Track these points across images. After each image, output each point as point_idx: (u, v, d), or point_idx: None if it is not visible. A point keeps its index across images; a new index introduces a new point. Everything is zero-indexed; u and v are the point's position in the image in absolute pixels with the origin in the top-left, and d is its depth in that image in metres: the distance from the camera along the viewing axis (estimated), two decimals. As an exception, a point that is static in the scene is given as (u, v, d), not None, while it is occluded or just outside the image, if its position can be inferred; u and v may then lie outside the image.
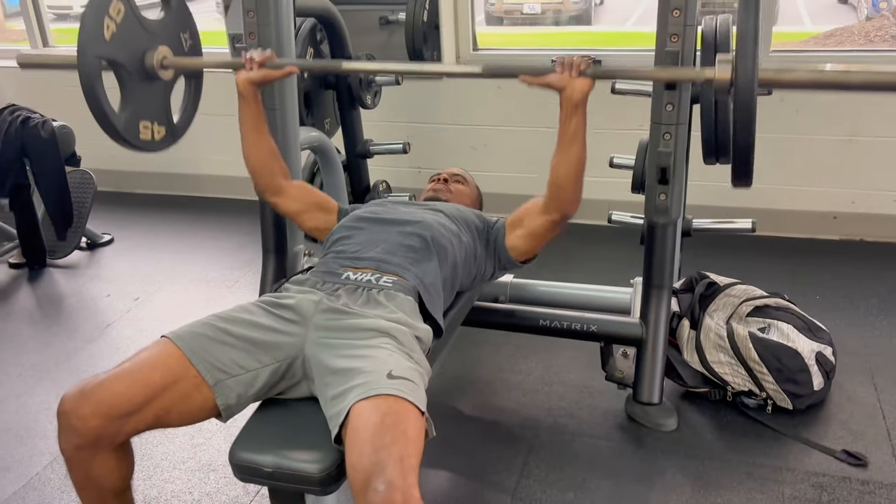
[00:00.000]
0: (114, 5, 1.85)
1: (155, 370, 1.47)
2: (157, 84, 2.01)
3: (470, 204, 2.20)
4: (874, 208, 3.09)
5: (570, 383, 2.35)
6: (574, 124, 1.75)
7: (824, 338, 2.20)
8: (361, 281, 1.69)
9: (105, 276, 3.22)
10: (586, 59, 1.70)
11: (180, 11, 2.09)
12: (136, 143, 1.96)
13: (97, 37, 1.82)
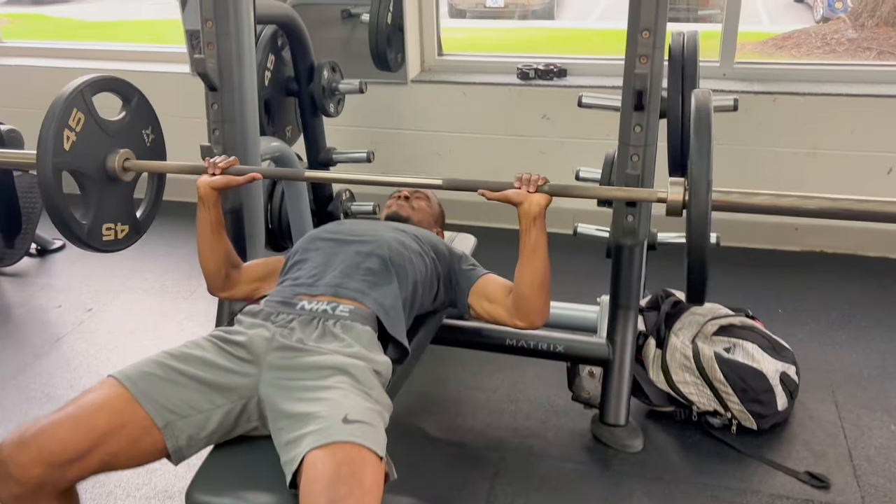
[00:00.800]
0: (74, 115, 1.86)
1: (101, 413, 1.39)
2: (119, 185, 2.02)
3: (432, 222, 2.17)
4: (834, 221, 3.11)
5: (536, 401, 2.33)
6: (534, 237, 1.73)
7: (788, 357, 2.21)
8: (317, 311, 1.64)
9: (56, 286, 3.10)
10: (542, 177, 1.74)
11: (141, 108, 2.10)
12: (99, 247, 1.99)
13: (57, 149, 1.83)
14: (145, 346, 2.66)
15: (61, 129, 1.84)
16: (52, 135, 1.82)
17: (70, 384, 2.45)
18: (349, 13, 3.77)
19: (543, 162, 3.33)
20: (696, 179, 1.48)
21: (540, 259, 1.73)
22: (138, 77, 3.50)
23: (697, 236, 1.50)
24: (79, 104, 1.88)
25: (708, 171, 1.48)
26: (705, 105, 1.54)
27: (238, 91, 2.24)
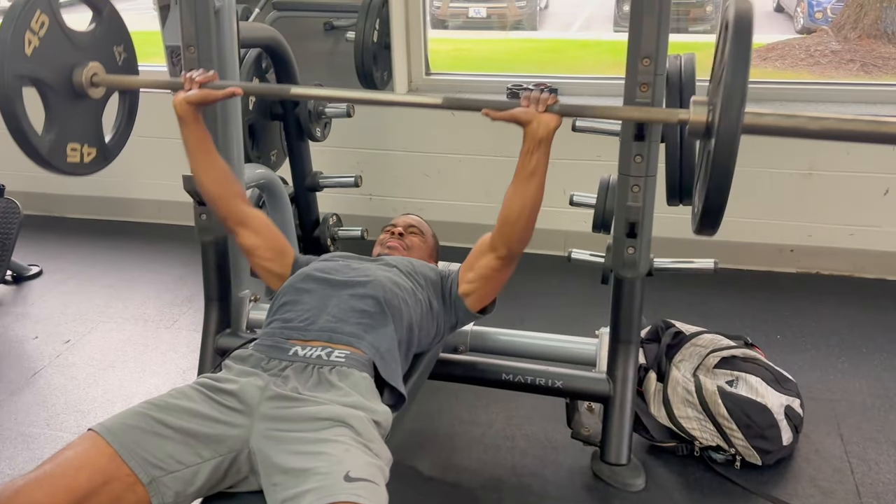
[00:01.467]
0: (36, 17, 1.68)
1: (81, 472, 1.30)
2: (86, 103, 1.86)
3: (427, 258, 2.09)
4: (830, 242, 3.08)
5: (533, 437, 2.25)
6: (535, 160, 1.67)
7: (792, 389, 2.15)
8: (311, 357, 1.56)
9: (32, 315, 2.99)
10: (552, 96, 1.63)
11: (113, 22, 1.93)
12: (62, 168, 1.82)
13: (17, 53, 1.65)
14: (126, 379, 2.56)
15: (22, 30, 1.64)
16: (11, 35, 1.63)
17: (47, 422, 2.35)
18: (332, 26, 3.70)
19: (535, 183, 3.25)
20: (729, 93, 1.34)
21: (536, 184, 1.69)
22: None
23: (725, 153, 1.38)
24: (42, 5, 1.70)
25: (744, 85, 1.34)
26: (746, 13, 1.38)
27: (222, 118, 2.16)
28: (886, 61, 7.33)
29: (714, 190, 1.44)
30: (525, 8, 9.80)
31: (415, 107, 2.01)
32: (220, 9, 2.12)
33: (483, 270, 1.81)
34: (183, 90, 1.77)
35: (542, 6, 10.51)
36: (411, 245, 2.07)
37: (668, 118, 1.66)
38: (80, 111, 1.86)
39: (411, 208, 3.38)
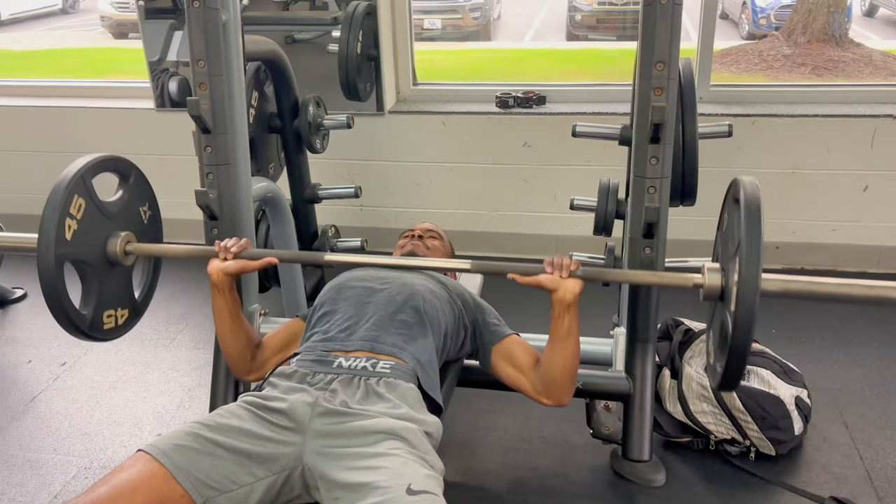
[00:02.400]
0: (75, 202, 1.76)
1: (137, 494, 1.30)
2: (119, 270, 1.92)
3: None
4: (814, 238, 3.18)
5: (551, 439, 2.28)
6: (567, 323, 1.70)
7: (799, 380, 2.22)
8: (356, 369, 1.56)
9: (22, 339, 2.91)
10: (575, 262, 1.71)
11: (137, 185, 2.00)
12: (101, 337, 1.90)
13: (59, 239, 1.73)
14: (131, 400, 2.51)
15: (63, 218, 1.74)
16: (55, 225, 1.72)
17: (54, 447, 2.29)
18: (293, 39, 3.69)
19: (526, 189, 3.31)
20: (746, 274, 1.49)
21: (572, 344, 1.71)
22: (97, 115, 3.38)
23: (744, 325, 1.50)
24: (80, 190, 1.78)
25: (758, 263, 1.49)
26: (755, 195, 1.54)
27: (231, 133, 2.15)
28: (836, 64, 7.60)
29: (736, 354, 1.53)
30: (479, 19, 9.92)
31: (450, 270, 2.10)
32: (227, 22, 2.11)
33: (519, 386, 1.83)
34: (218, 258, 1.82)
35: (495, 17, 10.65)
36: (432, 247, 2.09)
37: (684, 283, 1.73)
38: (113, 279, 1.93)
39: (403, 218, 3.41)
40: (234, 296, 1.81)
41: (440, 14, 9.57)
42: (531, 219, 3.36)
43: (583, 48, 9.35)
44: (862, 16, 9.34)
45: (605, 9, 9.47)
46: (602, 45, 9.36)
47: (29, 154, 3.70)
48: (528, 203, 3.34)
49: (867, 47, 7.74)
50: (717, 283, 1.64)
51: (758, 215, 1.51)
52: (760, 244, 1.49)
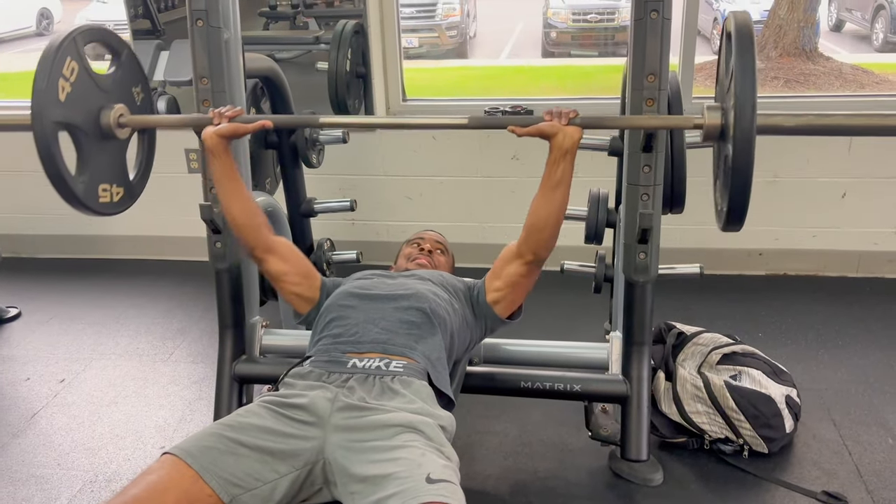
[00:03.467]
0: (67, 64, 1.74)
1: (167, 495, 1.34)
2: (113, 144, 1.92)
3: (448, 272, 2.16)
4: (796, 244, 3.28)
5: (549, 442, 2.33)
6: (561, 170, 1.78)
7: (788, 380, 2.29)
8: (370, 368, 1.61)
9: (19, 357, 2.92)
10: (573, 109, 1.77)
11: (131, 65, 2.00)
12: (96, 208, 1.88)
13: (53, 100, 1.72)
14: (132, 414, 2.53)
15: (56, 78, 1.72)
16: (48, 83, 1.70)
17: (57, 462, 2.30)
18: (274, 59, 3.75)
19: (516, 201, 3.34)
20: (741, 99, 1.52)
21: (562, 193, 1.81)
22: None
23: (744, 156, 1.57)
24: (72, 52, 1.76)
25: (753, 89, 1.52)
26: (746, 23, 1.57)
27: (232, 148, 2.19)
28: (808, 77, 7.80)
29: (738, 187, 1.62)
30: (456, 37, 10.07)
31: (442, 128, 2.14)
32: (229, 40, 2.17)
33: (511, 277, 1.90)
34: (212, 125, 1.84)
35: (471, 35, 10.80)
36: (438, 264, 2.14)
37: (684, 124, 1.82)
38: (107, 152, 1.92)
39: (395, 231, 3.46)
40: (229, 158, 1.86)
41: (417, 33, 9.71)
42: (520, 230, 3.41)
43: (559, 65, 9.51)
44: (829, 30, 9.60)
45: (580, 26, 9.65)
46: (577, 62, 9.53)
47: (14, 174, 3.70)
48: (518, 214, 3.35)
49: (836, 61, 7.96)
50: (716, 122, 1.68)
51: (749, 40, 1.54)
52: (754, 68, 1.52)
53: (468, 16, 10.51)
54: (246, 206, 1.90)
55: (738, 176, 1.61)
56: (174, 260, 3.69)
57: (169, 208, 3.39)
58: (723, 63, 1.77)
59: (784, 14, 8.01)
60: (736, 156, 1.60)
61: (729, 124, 1.62)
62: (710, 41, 8.93)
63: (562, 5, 9.79)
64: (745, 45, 1.56)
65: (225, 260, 2.24)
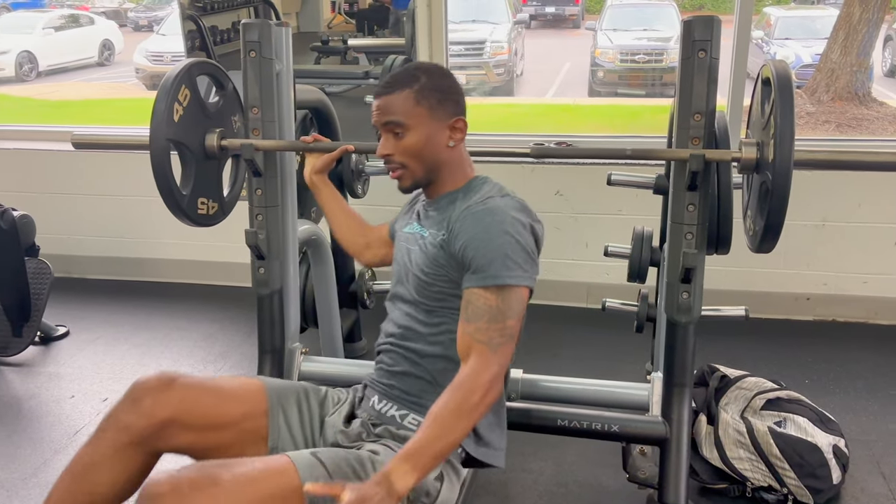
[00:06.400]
0: (182, 91, 1.97)
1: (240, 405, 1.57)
2: (212, 163, 2.13)
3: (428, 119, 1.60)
4: (845, 290, 3.20)
5: (585, 482, 2.29)
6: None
7: (836, 429, 2.23)
8: (386, 416, 1.64)
9: (65, 375, 2.98)
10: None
11: (232, 96, 2.21)
12: (195, 218, 2.08)
13: (168, 120, 1.94)
14: (170, 436, 2.56)
15: (172, 102, 1.94)
16: (166, 106, 1.92)
17: (96, 481, 2.33)
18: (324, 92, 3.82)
19: (558, 237, 3.37)
20: (781, 133, 1.66)
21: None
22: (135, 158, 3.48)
23: (782, 180, 1.68)
24: (187, 81, 1.99)
25: (792, 125, 1.66)
26: (785, 71, 1.72)
27: (280, 177, 2.23)
28: (860, 122, 7.69)
29: (775, 209, 1.72)
30: (503, 75, 10.18)
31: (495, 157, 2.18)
32: (280, 72, 2.22)
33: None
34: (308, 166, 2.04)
35: (518, 73, 10.91)
36: (402, 176, 1.67)
37: (723, 157, 1.88)
38: (207, 170, 2.12)
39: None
40: (332, 189, 2.05)
41: (465, 70, 9.85)
42: (563, 266, 3.41)
43: (606, 104, 9.54)
44: (883, 76, 9.47)
45: (628, 66, 9.69)
46: (624, 101, 9.54)
47: (69, 196, 3.82)
48: (560, 251, 3.40)
49: (891, 105, 7.84)
50: (752, 156, 1.81)
51: (789, 86, 1.67)
52: (793, 111, 1.66)
53: (516, 54, 10.63)
54: (354, 230, 2.05)
55: (775, 199, 1.71)
56: (218, 285, 3.76)
57: (214, 233, 3.44)
58: (756, 105, 1.90)
59: (837, 58, 7.93)
60: (775, 178, 1.70)
61: (765, 155, 1.76)
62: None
63: (610, 45, 9.86)
64: (786, 88, 1.69)
65: (267, 286, 2.27)
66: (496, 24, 10.45)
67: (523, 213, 1.60)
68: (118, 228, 3.81)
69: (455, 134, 1.63)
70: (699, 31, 1.92)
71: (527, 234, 1.55)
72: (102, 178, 3.76)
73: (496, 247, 1.48)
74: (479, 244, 1.49)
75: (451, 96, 1.62)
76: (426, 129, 1.59)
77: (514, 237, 1.51)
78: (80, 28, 12.39)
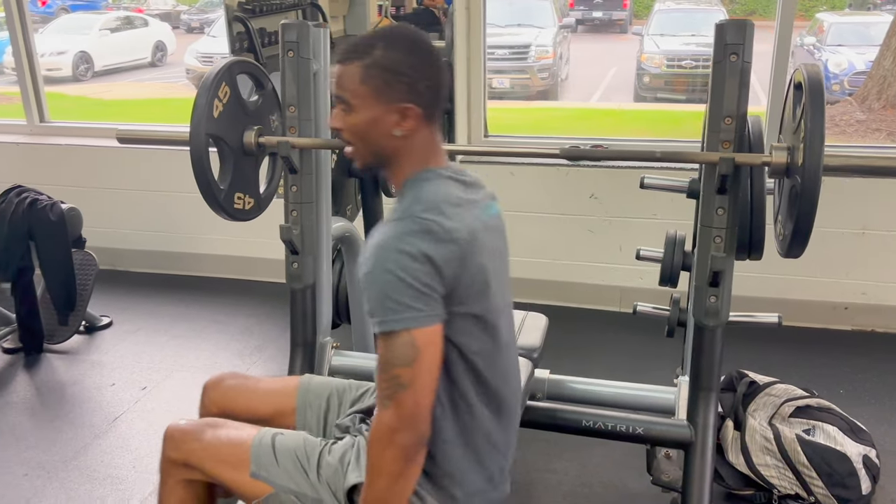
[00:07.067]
0: (222, 88, 2.05)
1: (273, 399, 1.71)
2: (249, 159, 2.20)
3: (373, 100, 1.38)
4: (885, 300, 3.14)
5: (609, 484, 2.30)
6: None
7: (867, 439, 2.19)
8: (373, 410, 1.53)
9: (107, 363, 3.09)
10: None
11: (271, 96, 2.29)
12: (231, 212, 2.15)
13: (208, 116, 2.01)
14: (205, 425, 2.63)
15: (212, 98, 1.99)
16: (206, 102, 1.98)
17: (133, 464, 2.42)
18: None
19: (591, 241, 3.37)
20: (811, 136, 1.66)
21: None
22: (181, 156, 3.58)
23: (811, 185, 1.67)
24: (227, 79, 2.05)
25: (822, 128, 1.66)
26: (816, 74, 1.72)
27: (315, 174, 2.29)
28: (912, 130, 7.49)
29: (804, 214, 1.69)
30: (547, 79, 10.16)
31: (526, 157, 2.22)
32: (318, 72, 2.27)
33: None
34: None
35: (563, 78, 10.88)
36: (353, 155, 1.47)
37: (753, 161, 1.87)
38: (244, 166, 2.18)
39: (470, 264, 3.50)
40: None
41: (509, 74, 9.86)
42: (595, 269, 3.41)
43: (650, 109, 9.46)
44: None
45: (674, 71, 9.60)
46: (670, 107, 9.45)
47: (115, 191, 3.95)
48: (593, 254, 3.40)
49: (944, 114, 7.62)
50: (782, 160, 1.80)
51: (820, 91, 1.68)
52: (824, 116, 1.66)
53: (561, 58, 10.60)
54: None
55: (805, 202, 1.68)
56: (256, 280, 3.84)
57: (253, 230, 3.52)
58: (788, 109, 1.89)
59: (889, 65, 7.74)
60: (804, 182, 1.68)
61: (796, 159, 1.74)
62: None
63: (656, 50, 9.77)
64: (817, 92, 1.69)
65: (300, 280, 2.32)
66: (541, 28, 10.43)
67: (417, 237, 1.30)
68: (161, 224, 3.92)
69: (404, 122, 1.38)
70: (731, 35, 1.91)
71: (416, 266, 1.27)
72: (147, 175, 3.87)
73: (378, 289, 1.28)
74: (365, 285, 1.31)
75: (402, 77, 1.35)
76: (370, 112, 1.37)
77: (394, 274, 1.26)
78: (135, 30, 12.73)
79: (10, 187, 3.03)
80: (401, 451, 1.29)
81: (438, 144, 1.48)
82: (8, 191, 3.00)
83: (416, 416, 1.28)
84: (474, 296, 1.37)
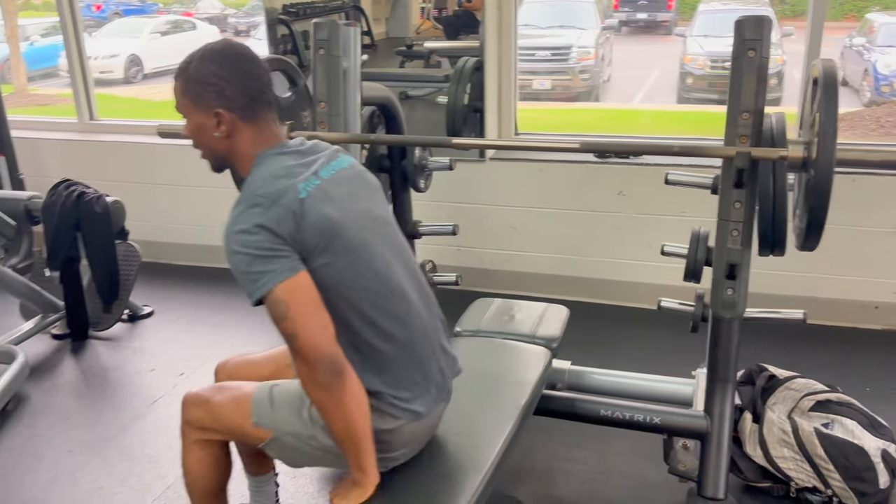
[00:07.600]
0: None
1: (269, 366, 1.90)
2: None
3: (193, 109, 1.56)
4: (915, 301, 3.12)
5: (628, 473, 2.33)
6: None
7: (887, 434, 2.19)
8: None
9: (148, 350, 3.22)
10: None
11: (303, 93, 2.39)
12: None
13: None
14: (238, 410, 2.73)
15: None
16: None
17: (168, 445, 2.53)
18: (407, 95, 3.94)
19: (619, 238, 3.40)
20: (824, 129, 1.73)
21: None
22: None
23: (824, 179, 1.76)
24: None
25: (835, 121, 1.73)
26: (831, 69, 1.78)
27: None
28: (961, 130, 7.32)
29: (818, 206, 1.78)
30: (588, 80, 10.12)
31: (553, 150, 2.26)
32: (348, 69, 2.36)
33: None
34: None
35: (605, 79, 10.83)
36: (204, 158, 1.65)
37: (770, 155, 1.90)
38: None
39: (497, 259, 3.57)
40: None
41: (550, 75, 9.85)
42: (624, 266, 3.44)
43: (693, 110, 9.37)
44: None
45: (718, 72, 9.49)
46: (713, 108, 9.35)
47: (157, 186, 4.10)
48: (621, 251, 3.43)
49: None
50: (799, 155, 1.87)
51: (833, 86, 1.74)
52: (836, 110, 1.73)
53: (603, 60, 10.55)
54: None
55: (818, 195, 1.76)
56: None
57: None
58: (807, 105, 1.92)
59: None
60: (817, 174, 1.76)
61: (811, 153, 1.79)
62: (859, 92, 8.56)
63: (700, 51, 9.67)
64: (830, 87, 1.75)
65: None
66: (584, 29, 10.40)
67: (248, 214, 1.44)
68: (201, 218, 4.05)
69: (221, 125, 1.53)
70: (749, 31, 1.95)
71: (253, 239, 1.41)
72: (188, 170, 3.99)
73: (235, 270, 1.46)
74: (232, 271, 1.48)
75: (209, 87, 1.51)
76: (194, 119, 1.56)
77: (240, 253, 1.43)
78: (183, 33, 13.04)
79: (60, 181, 3.18)
80: (324, 386, 1.44)
81: (268, 132, 1.58)
82: (57, 184, 3.15)
83: (316, 354, 1.42)
84: (329, 240, 1.48)
